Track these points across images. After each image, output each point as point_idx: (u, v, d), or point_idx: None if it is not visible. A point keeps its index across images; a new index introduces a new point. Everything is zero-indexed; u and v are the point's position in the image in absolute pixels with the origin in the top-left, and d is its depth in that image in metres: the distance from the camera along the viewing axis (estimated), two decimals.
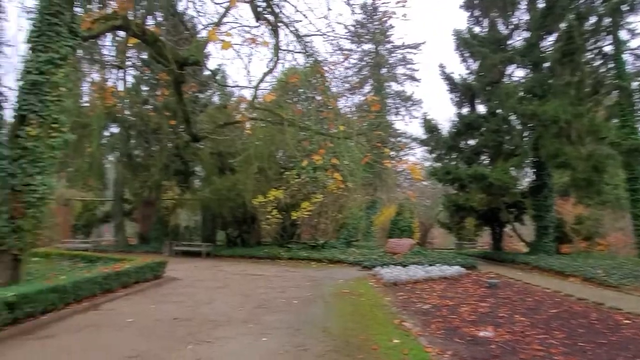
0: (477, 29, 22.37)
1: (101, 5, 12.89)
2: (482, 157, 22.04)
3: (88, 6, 9.86)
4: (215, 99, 24.48)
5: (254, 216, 21.31)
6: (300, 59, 11.68)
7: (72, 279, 8.39)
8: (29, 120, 8.09)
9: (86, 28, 9.12)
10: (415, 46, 39.54)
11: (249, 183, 19.27)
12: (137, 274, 10.94)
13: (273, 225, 20.38)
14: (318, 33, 10.94)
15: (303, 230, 21.66)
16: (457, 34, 21.94)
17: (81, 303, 8.30)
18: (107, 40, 13.55)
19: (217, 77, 17.36)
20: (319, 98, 17.58)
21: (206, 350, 5.87)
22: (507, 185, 18.77)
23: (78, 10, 8.89)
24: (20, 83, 8.27)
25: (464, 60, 22.45)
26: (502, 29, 21.53)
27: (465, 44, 21.70)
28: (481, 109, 22.05)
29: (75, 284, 8.24)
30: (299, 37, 10.23)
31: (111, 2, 11.97)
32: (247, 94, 23.14)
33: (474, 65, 22.10)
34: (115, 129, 23.54)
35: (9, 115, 8.16)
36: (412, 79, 40.68)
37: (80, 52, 11.79)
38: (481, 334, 6.84)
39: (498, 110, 20.22)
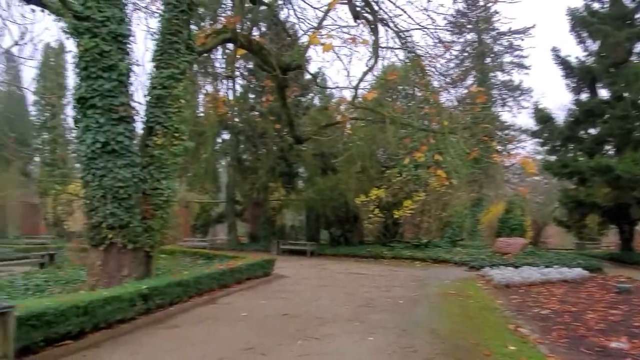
0: (596, 6, 20.16)
1: (212, 22, 13.97)
2: (606, 147, 19.78)
3: (202, 23, 10.73)
4: (316, 101, 25.12)
5: (356, 215, 21.48)
6: (400, 55, 11.51)
7: (194, 275, 9.19)
8: (155, 131, 9.05)
9: (201, 43, 9.94)
10: (524, 31, 36.64)
11: (351, 182, 19.47)
12: (248, 271, 11.63)
13: (375, 224, 20.36)
14: (417, 27, 10.69)
15: (406, 229, 21.33)
16: (573, 13, 19.98)
17: (202, 297, 9.04)
18: (218, 54, 14.66)
19: (318, 80, 17.83)
20: (419, 94, 17.20)
21: (314, 346, 6.03)
22: (639, 178, 16.59)
23: (193, 27, 9.72)
24: (147, 98, 9.28)
25: (581, 42, 20.36)
26: (627, 2, 19.11)
27: (583, 22, 19.66)
28: (604, 93, 19.83)
29: (196, 279, 9.01)
30: (398, 32, 10.08)
31: (220, 18, 12.91)
32: (347, 94, 23.37)
33: (594, 46, 19.93)
34: (226, 135, 25.36)
35: (139, 127, 9.20)
36: (521, 66, 37.80)
37: (195, 66, 12.88)
38: (613, 344, 6.12)
39: (625, 94, 17.98)
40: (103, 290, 7.16)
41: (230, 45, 12.97)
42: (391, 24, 9.97)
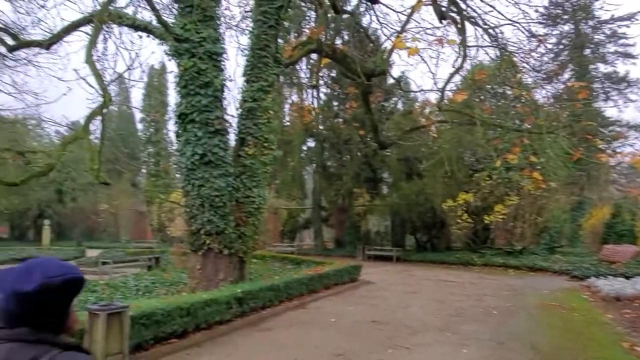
0: None
1: (297, 34, 14.44)
2: None
3: (287, 36, 11.13)
4: (400, 105, 24.82)
5: (443, 220, 20.82)
6: (490, 53, 10.99)
7: (284, 280, 9.50)
8: (246, 142, 9.54)
9: (288, 56, 10.32)
10: (629, 17, 33.05)
11: (438, 187, 18.96)
12: (336, 277, 11.76)
13: (464, 229, 19.57)
14: (508, 22, 10.17)
15: (497, 234, 20.24)
16: None
17: (292, 301, 9.31)
18: (302, 64, 15.13)
19: (401, 84, 17.61)
20: (509, 92, 16.31)
21: (405, 356, 5.94)
22: None
23: (279, 41, 10.13)
24: (239, 111, 9.82)
25: None
26: None
27: None
28: None
29: (286, 284, 9.31)
30: (487, 29, 9.66)
31: (304, 30, 13.32)
32: (432, 97, 22.75)
33: None
34: (311, 143, 25.98)
35: (232, 139, 9.76)
36: (627, 56, 34.09)
37: (281, 78, 13.39)
38: None
39: None
40: (202, 292, 7.67)
41: (313, 55, 13.32)
42: (480, 21, 9.58)
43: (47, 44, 9.01)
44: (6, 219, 30.85)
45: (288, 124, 19.24)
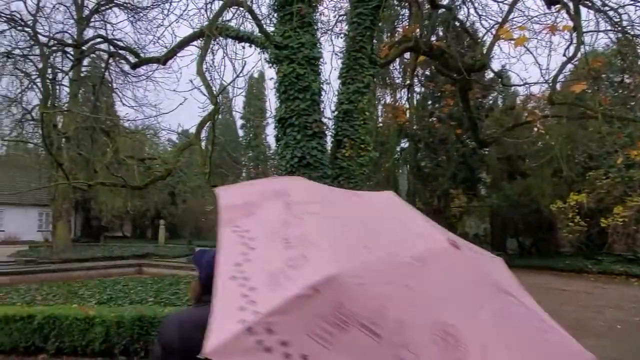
0: None
1: (389, 34, 14.33)
2: None
3: (382, 35, 11.05)
4: (500, 101, 23.56)
5: (551, 223, 19.31)
6: (607, 38, 9.97)
7: None
8: (343, 144, 9.64)
9: (384, 55, 10.27)
10: None
11: (545, 187, 17.64)
12: None
13: (575, 233, 17.94)
14: (629, 2, 9.12)
15: (615, 239, 18.28)
16: None
17: None
18: (395, 63, 14.94)
19: (502, 78, 16.62)
20: (627, 81, 14.74)
21: None
22: None
23: (374, 41, 10.10)
24: (336, 113, 9.96)
25: None
26: None
27: None
28: None
29: None
30: (606, 12, 8.75)
31: (398, 29, 13.16)
32: (537, 90, 21.09)
33: None
34: (405, 144, 25.62)
35: (329, 141, 9.91)
36: None
37: (374, 78, 13.34)
38: None
39: None
40: None
41: (406, 55, 13.07)
42: (598, 3, 8.70)
43: (163, 60, 9.90)
44: (130, 219, 34.54)
45: (381, 124, 19.15)
